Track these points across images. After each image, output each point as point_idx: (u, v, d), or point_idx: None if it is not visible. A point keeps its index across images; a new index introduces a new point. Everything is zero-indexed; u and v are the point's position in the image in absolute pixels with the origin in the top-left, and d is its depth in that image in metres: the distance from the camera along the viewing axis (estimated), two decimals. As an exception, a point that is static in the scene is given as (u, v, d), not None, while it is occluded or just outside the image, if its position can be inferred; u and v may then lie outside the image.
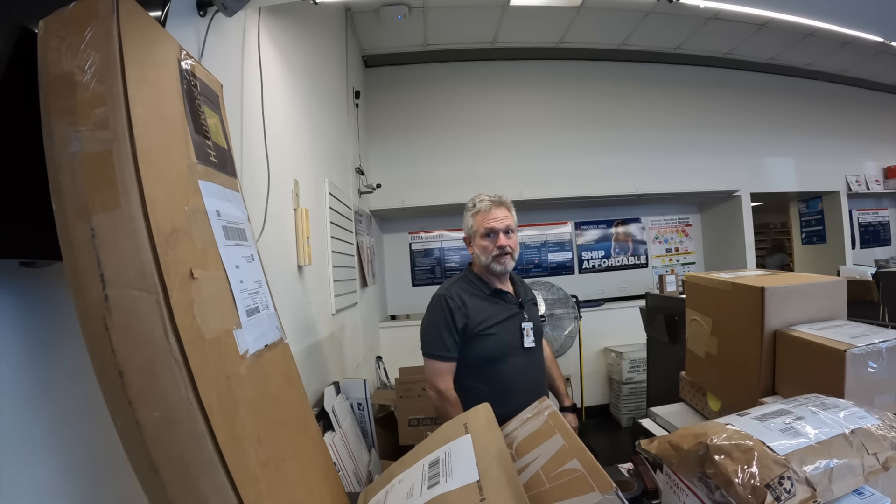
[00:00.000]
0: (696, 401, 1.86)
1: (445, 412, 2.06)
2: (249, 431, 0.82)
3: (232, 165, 1.12)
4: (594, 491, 0.73)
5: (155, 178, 0.75)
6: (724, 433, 0.91)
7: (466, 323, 2.08)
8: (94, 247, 0.69)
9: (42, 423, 0.85)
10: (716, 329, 1.69)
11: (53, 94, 0.72)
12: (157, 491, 0.69)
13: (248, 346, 0.91)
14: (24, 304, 0.84)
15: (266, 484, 0.80)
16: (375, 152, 5.49)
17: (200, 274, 0.81)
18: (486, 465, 0.84)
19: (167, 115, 0.85)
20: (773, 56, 5.94)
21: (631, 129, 5.92)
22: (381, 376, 4.57)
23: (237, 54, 1.92)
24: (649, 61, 5.99)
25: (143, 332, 0.69)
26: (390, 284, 6.00)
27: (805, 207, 7.18)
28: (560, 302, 5.13)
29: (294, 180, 2.49)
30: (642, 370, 5.05)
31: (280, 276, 2.20)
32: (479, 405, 1.13)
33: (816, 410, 0.99)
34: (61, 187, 0.70)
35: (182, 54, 0.98)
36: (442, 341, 2.08)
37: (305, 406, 1.17)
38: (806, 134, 6.49)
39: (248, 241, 1.08)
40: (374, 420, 2.85)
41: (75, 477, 0.90)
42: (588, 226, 6.30)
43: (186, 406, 0.70)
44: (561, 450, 0.88)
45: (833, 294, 1.54)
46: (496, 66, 5.78)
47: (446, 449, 0.97)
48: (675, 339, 3.60)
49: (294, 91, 2.67)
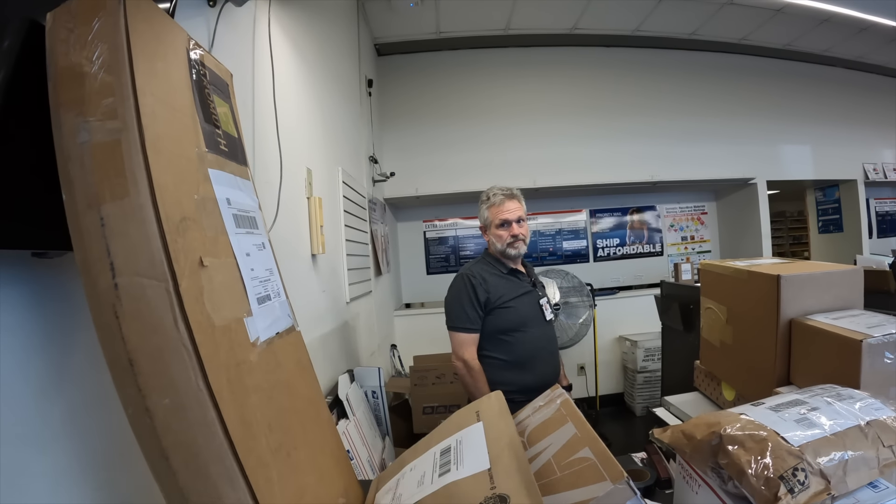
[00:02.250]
0: (710, 390, 1.85)
1: (471, 380, 2.32)
2: (260, 418, 0.82)
3: (243, 154, 1.12)
4: (605, 480, 0.73)
5: (164, 166, 0.76)
6: (737, 423, 0.91)
7: (488, 297, 2.36)
8: (103, 236, 0.69)
9: (60, 408, 0.86)
10: (731, 317, 1.68)
11: (62, 85, 0.72)
12: (167, 478, 0.69)
13: (259, 333, 0.92)
14: (37, 293, 0.85)
15: (276, 470, 0.81)
16: (389, 141, 5.49)
17: (210, 262, 0.81)
18: (498, 452, 0.84)
19: (176, 105, 0.85)
20: (788, 42, 5.86)
21: (645, 116, 5.87)
22: (395, 364, 4.59)
23: (248, 44, 1.92)
24: (664, 47, 5.92)
25: (153, 320, 0.69)
26: (405, 273, 6.02)
27: (822, 196, 7.08)
28: (575, 290, 5.12)
29: (307, 169, 2.50)
30: (657, 359, 5.03)
31: (293, 264, 2.21)
32: (491, 393, 1.13)
33: (831, 401, 0.98)
34: (71, 178, 0.70)
35: (191, 44, 0.98)
36: (466, 314, 2.35)
37: (317, 393, 1.17)
38: (822, 121, 6.39)
39: (260, 230, 1.08)
40: (388, 408, 2.87)
41: (92, 462, 0.91)
42: (603, 213, 6.27)
43: (196, 393, 0.70)
44: (573, 438, 0.88)
45: (850, 283, 1.51)
46: (509, 54, 5.74)
47: (458, 437, 0.98)
48: (690, 328, 3.58)
49: (306, 80, 2.67)
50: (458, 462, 0.87)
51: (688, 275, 4.31)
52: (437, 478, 0.86)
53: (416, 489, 0.88)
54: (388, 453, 2.67)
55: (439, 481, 0.85)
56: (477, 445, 0.90)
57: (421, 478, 0.91)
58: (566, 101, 5.81)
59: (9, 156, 0.75)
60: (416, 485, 0.90)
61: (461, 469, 0.84)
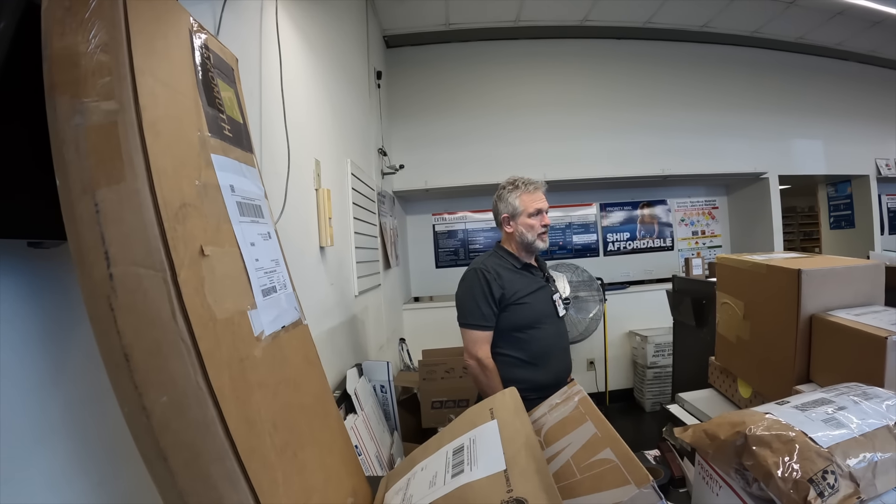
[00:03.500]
0: (725, 387, 1.81)
1: (484, 379, 2.24)
2: (264, 416, 0.79)
3: (248, 140, 1.09)
4: (630, 484, 0.69)
5: (163, 149, 0.72)
6: (763, 423, 0.87)
7: (503, 293, 2.27)
8: (98, 223, 0.65)
9: (58, 402, 0.84)
10: (748, 312, 1.63)
11: (57, 66, 0.69)
12: (165, 480, 0.66)
13: (264, 327, 0.88)
14: (34, 284, 0.82)
15: (282, 471, 0.77)
16: (398, 133, 5.46)
17: (212, 251, 0.78)
18: (514, 453, 0.80)
19: (177, 86, 0.82)
20: (801, 35, 5.79)
21: (656, 109, 5.81)
22: (404, 359, 4.58)
23: (255, 33, 1.89)
24: (675, 40, 5.85)
25: (150, 313, 0.66)
26: (414, 266, 6.00)
27: (833, 191, 6.98)
28: (585, 284, 5.10)
29: (315, 160, 2.48)
30: (667, 354, 5.01)
31: (301, 257, 2.19)
32: (505, 389, 1.10)
33: (858, 400, 0.94)
34: (65, 162, 0.67)
35: (195, 26, 0.94)
36: (480, 311, 2.25)
37: (325, 389, 1.14)
38: (835, 116, 6.31)
39: (265, 219, 1.04)
40: (396, 402, 2.85)
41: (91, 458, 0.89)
42: (613, 207, 6.22)
43: (196, 391, 0.66)
44: (592, 438, 0.84)
45: (871, 279, 1.47)
46: (519, 46, 5.68)
47: (471, 435, 0.94)
48: (703, 323, 3.54)
49: (314, 71, 2.64)
50: (472, 462, 0.84)
51: (699, 269, 4.28)
52: (450, 479, 0.83)
53: (427, 490, 0.85)
54: (397, 448, 2.65)
55: (452, 482, 0.81)
56: (492, 445, 0.86)
57: (433, 478, 0.88)
58: (576, 93, 5.76)
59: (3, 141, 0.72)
60: (427, 485, 0.87)
61: (475, 470, 0.81)
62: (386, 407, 2.78)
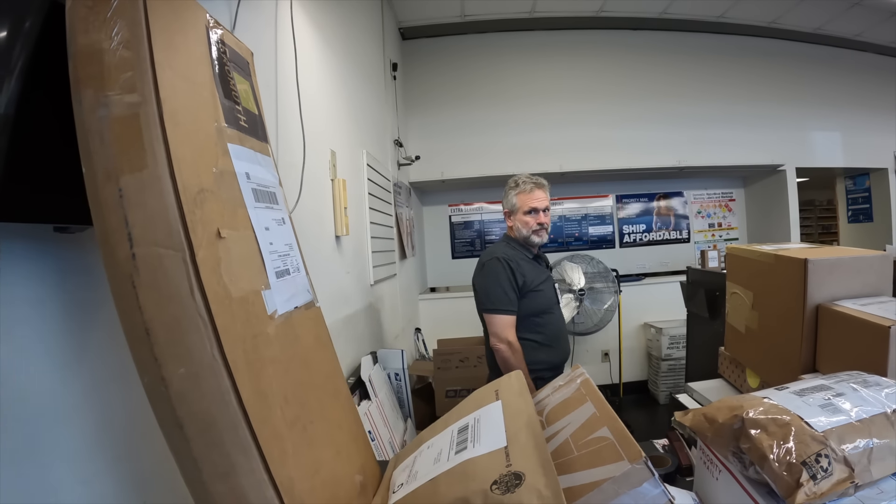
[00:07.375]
0: (734, 377, 1.82)
1: (515, 361, 2.37)
2: (276, 390, 0.83)
3: (263, 131, 1.13)
4: (623, 460, 0.72)
5: (182, 139, 0.76)
6: (760, 406, 0.89)
7: (524, 281, 2.45)
8: (121, 207, 0.70)
9: (81, 380, 0.88)
10: (757, 303, 1.65)
11: (81, 62, 0.73)
12: (181, 446, 0.70)
13: (277, 306, 0.92)
14: (60, 267, 0.87)
15: (291, 443, 0.81)
16: (414, 124, 5.48)
17: (228, 234, 0.82)
18: (515, 431, 0.83)
19: (195, 79, 0.86)
20: (819, 26, 5.68)
21: (673, 101, 5.74)
22: (419, 348, 4.62)
23: (270, 27, 1.92)
24: (691, 30, 5.78)
25: (170, 290, 0.70)
26: (430, 257, 6.04)
27: (851, 184, 6.86)
28: (600, 275, 5.10)
29: (331, 151, 2.51)
30: (682, 346, 4.99)
31: (317, 245, 2.23)
32: (510, 372, 1.12)
33: (857, 388, 0.95)
34: (90, 151, 0.71)
35: (211, 22, 0.98)
36: (507, 297, 2.42)
37: (336, 369, 1.18)
38: (853, 108, 6.17)
39: (280, 205, 1.08)
40: (411, 390, 2.88)
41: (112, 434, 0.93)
42: (629, 199, 6.21)
43: (211, 363, 0.71)
44: (591, 418, 0.87)
45: (878, 269, 1.47)
46: (534, 37, 5.65)
47: (476, 415, 0.97)
48: (716, 315, 3.53)
49: (329, 63, 2.67)
50: (476, 440, 0.86)
51: (714, 262, 4.26)
52: (454, 455, 0.86)
53: (432, 466, 0.88)
54: (410, 435, 2.68)
55: (455, 458, 0.84)
56: (495, 423, 0.89)
57: (438, 455, 0.91)
58: (592, 84, 5.71)
59: (32, 131, 0.76)
60: (432, 462, 0.90)
61: (478, 447, 0.84)
62: (400, 395, 2.81)
